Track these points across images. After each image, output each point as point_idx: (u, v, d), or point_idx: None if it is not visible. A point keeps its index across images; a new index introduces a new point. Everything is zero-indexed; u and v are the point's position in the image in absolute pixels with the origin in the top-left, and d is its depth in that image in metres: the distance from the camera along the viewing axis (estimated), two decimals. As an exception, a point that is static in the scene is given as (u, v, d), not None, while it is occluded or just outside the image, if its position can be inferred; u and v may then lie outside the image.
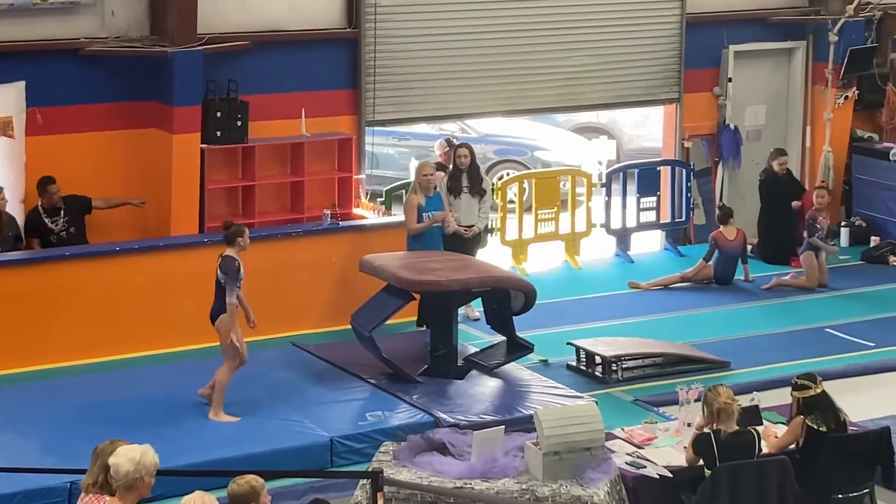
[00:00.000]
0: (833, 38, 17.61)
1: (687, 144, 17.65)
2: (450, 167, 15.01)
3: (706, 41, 17.53)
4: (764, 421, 10.86)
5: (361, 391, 12.46)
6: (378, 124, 15.82)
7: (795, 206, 16.81)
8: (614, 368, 13.09)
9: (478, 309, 14.18)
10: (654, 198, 17.34)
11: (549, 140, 21.48)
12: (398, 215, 14.89)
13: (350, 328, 13.09)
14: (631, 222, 17.25)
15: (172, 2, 14.17)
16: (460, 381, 12.67)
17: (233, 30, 14.82)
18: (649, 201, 17.31)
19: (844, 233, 17.69)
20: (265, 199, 14.85)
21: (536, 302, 13.20)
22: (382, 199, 15.79)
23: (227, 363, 11.78)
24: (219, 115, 14.45)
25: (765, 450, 10.18)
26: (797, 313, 15.11)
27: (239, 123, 14.57)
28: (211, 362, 12.14)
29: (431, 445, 10.49)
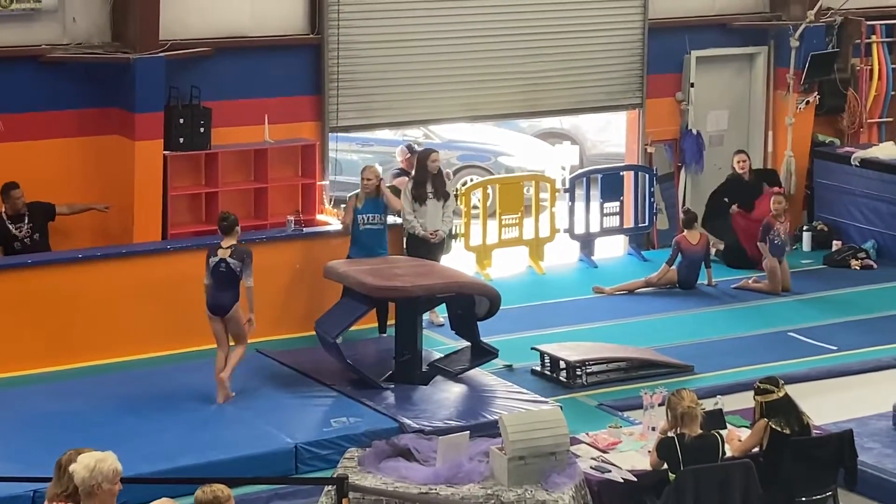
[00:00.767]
0: (794, 43, 17.70)
1: (650, 150, 17.69)
2: (412, 173, 15.04)
3: (668, 47, 17.59)
4: (728, 424, 10.90)
5: (326, 397, 12.43)
6: (342, 130, 15.78)
7: (733, 212, 16.86)
8: (579, 373, 13.10)
9: (442, 314, 14.17)
10: (618, 203, 17.37)
11: (513, 146, 21.52)
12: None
13: (314, 334, 13.08)
14: (594, 227, 17.28)
15: (134, 8, 14.12)
16: (425, 387, 12.66)
17: (195, 36, 14.77)
18: (613, 206, 17.33)
19: (807, 237, 17.76)
20: (228, 206, 14.71)
21: (501, 307, 13.21)
22: (345, 205, 15.76)
23: (241, 344, 12.42)
24: (181, 121, 14.38)
25: (729, 453, 10.21)
26: (760, 317, 15.15)
27: (202, 130, 14.51)
28: (171, 370, 12.05)
29: (396, 451, 10.49)
